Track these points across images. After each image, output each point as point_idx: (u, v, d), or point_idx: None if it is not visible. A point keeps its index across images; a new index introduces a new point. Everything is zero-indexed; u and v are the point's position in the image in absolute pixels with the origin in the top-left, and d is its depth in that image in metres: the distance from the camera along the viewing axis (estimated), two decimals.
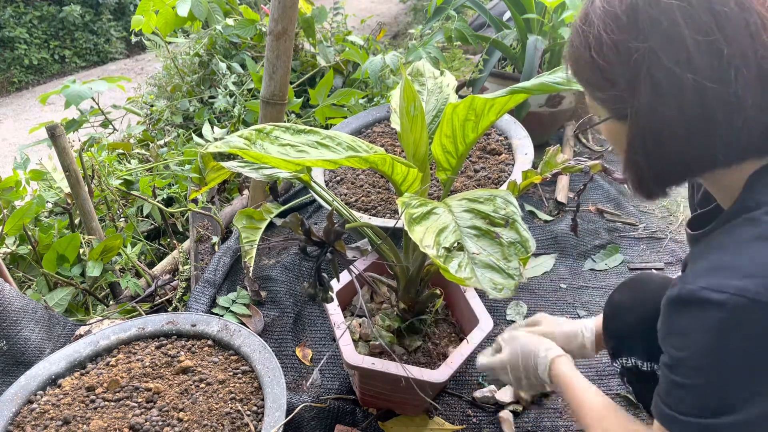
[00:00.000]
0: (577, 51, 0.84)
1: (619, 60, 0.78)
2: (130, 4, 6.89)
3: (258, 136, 1.14)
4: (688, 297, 0.74)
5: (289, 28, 1.81)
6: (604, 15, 0.79)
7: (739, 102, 0.73)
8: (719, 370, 0.73)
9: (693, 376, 0.75)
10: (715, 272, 0.73)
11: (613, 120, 0.85)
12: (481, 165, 2.00)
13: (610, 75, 0.80)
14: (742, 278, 0.70)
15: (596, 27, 0.80)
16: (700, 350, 0.73)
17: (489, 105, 1.14)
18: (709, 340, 0.72)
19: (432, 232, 0.95)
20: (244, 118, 2.63)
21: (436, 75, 1.53)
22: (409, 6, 6.23)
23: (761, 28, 0.73)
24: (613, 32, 0.78)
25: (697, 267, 0.77)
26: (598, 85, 0.84)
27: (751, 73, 0.73)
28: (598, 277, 1.97)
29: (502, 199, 1.03)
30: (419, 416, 1.49)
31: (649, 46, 0.75)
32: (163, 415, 1.23)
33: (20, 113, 5.59)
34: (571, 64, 0.88)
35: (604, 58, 0.80)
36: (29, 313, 1.60)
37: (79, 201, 1.86)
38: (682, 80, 0.74)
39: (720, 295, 0.70)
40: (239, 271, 1.96)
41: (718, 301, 0.70)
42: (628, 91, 0.79)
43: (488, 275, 0.89)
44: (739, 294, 0.69)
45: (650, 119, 0.78)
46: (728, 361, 0.72)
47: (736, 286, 0.70)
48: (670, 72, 0.74)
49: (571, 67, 0.89)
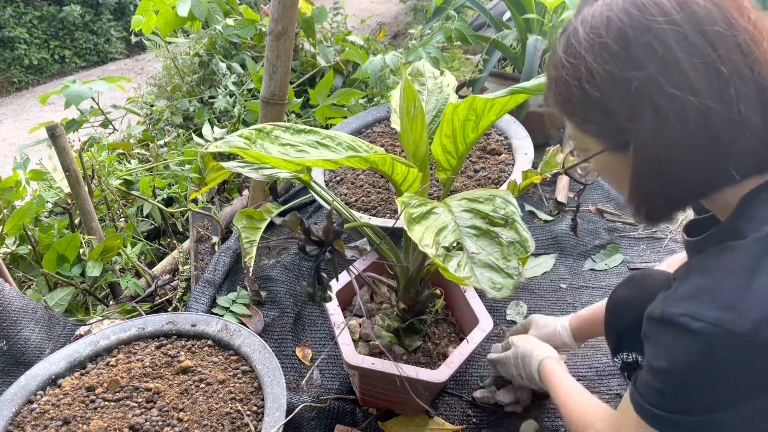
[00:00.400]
0: (566, 86, 0.82)
1: (616, 91, 0.77)
2: (130, 4, 6.89)
3: (258, 136, 1.14)
4: (669, 320, 0.77)
5: (289, 28, 1.81)
6: (593, 45, 0.78)
7: (743, 120, 0.74)
8: (688, 384, 0.78)
9: (665, 382, 0.80)
10: (696, 298, 0.75)
11: (610, 152, 0.84)
12: (481, 165, 2.00)
13: (607, 107, 0.79)
14: (719, 309, 0.72)
15: (585, 58, 0.78)
16: (676, 366, 0.77)
17: (489, 105, 1.14)
18: (684, 361, 0.76)
19: (431, 232, 0.95)
20: (244, 118, 2.63)
21: (436, 75, 1.53)
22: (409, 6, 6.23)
23: (752, 45, 0.74)
24: (607, 62, 0.77)
25: (681, 289, 0.79)
26: (592, 118, 0.82)
27: (750, 90, 0.74)
28: (598, 277, 1.97)
29: (502, 198, 1.03)
30: (419, 416, 1.49)
31: (648, 74, 0.74)
32: (163, 415, 1.23)
33: (20, 113, 5.59)
34: (559, 100, 0.86)
35: (600, 90, 0.78)
36: (29, 313, 1.60)
37: (79, 201, 1.86)
38: (685, 104, 0.73)
39: (697, 324, 0.73)
40: (239, 271, 1.96)
41: (695, 330, 0.73)
42: (629, 120, 0.78)
43: (487, 274, 0.90)
44: (715, 324, 0.72)
45: (656, 146, 0.77)
46: (698, 380, 0.76)
47: (713, 316, 0.72)
48: (672, 97, 0.74)
49: (557, 103, 0.86)
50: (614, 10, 0.77)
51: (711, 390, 0.76)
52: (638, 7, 0.75)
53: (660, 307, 0.79)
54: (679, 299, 0.77)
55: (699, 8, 0.74)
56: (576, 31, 0.80)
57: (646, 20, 0.74)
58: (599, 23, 0.78)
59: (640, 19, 0.75)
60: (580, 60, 0.79)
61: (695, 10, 0.74)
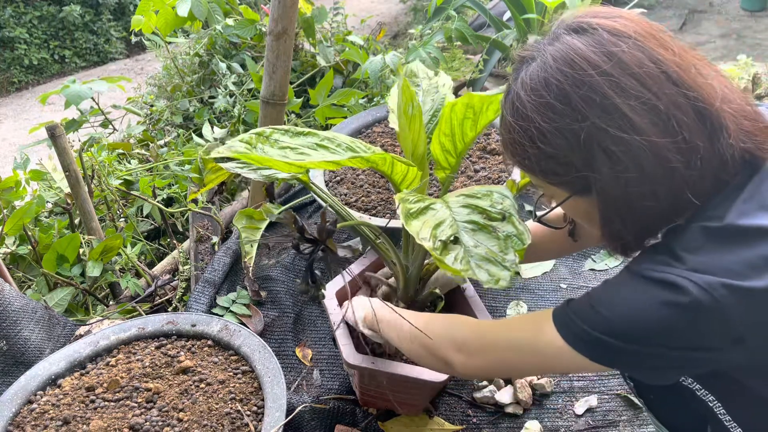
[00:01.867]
0: (520, 146, 0.87)
1: (568, 143, 0.82)
2: (130, 4, 6.89)
3: (258, 140, 1.15)
4: (658, 279, 0.78)
5: (289, 28, 1.81)
6: (537, 107, 0.83)
7: (690, 146, 0.78)
8: (649, 330, 0.78)
9: (618, 314, 0.80)
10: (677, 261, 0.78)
11: (575, 197, 0.88)
12: (481, 165, 2.00)
13: (564, 159, 0.83)
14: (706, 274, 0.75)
15: (533, 119, 0.83)
16: (644, 315, 0.77)
17: (487, 103, 1.14)
18: (658, 315, 0.76)
19: (429, 226, 0.96)
20: (244, 118, 2.63)
21: (431, 75, 1.53)
22: (409, 6, 6.22)
23: (681, 73, 0.79)
24: (553, 120, 0.81)
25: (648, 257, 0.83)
26: (552, 171, 0.86)
27: (690, 117, 0.78)
28: (598, 277, 1.97)
29: (499, 194, 1.04)
30: (419, 416, 1.49)
31: (592, 123, 0.79)
32: (163, 415, 1.23)
33: (20, 113, 5.59)
34: (516, 159, 0.90)
35: (552, 145, 0.83)
36: (29, 313, 1.60)
37: (79, 201, 1.86)
38: (633, 144, 0.78)
39: (687, 283, 0.75)
40: (239, 271, 1.96)
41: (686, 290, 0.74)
42: (586, 168, 0.82)
43: (485, 267, 0.91)
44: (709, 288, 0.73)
45: (616, 187, 0.81)
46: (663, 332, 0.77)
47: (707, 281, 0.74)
48: (620, 140, 0.78)
49: (516, 162, 0.91)
50: (549, 71, 0.82)
51: (659, 336, 0.77)
52: (569, 64, 0.80)
53: (643, 269, 0.81)
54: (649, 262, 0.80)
55: (625, 55, 0.79)
56: (518, 95, 0.85)
57: (580, 75, 0.79)
58: (538, 84, 0.83)
59: (574, 75, 0.80)
60: (528, 122, 0.84)
61: (622, 58, 0.79)
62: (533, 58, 0.85)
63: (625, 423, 1.47)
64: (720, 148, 0.79)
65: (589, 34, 0.82)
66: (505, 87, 0.91)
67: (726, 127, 0.79)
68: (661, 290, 0.76)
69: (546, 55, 0.83)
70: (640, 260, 0.84)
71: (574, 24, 0.85)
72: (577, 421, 1.49)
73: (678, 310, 0.74)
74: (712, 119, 0.79)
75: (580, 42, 0.81)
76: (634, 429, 1.46)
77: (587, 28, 0.83)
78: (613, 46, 0.79)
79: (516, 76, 0.87)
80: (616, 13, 0.85)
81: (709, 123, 0.79)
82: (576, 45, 0.81)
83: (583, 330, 0.82)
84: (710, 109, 0.79)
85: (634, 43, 0.80)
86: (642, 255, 0.87)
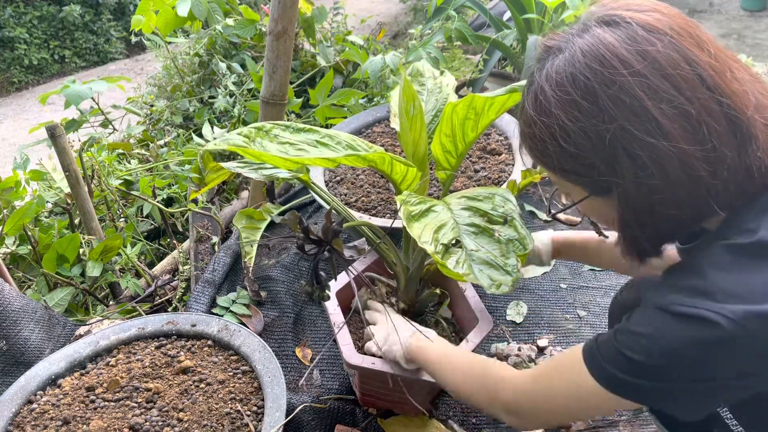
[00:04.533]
0: (541, 142, 0.83)
1: (592, 144, 0.78)
2: (130, 4, 6.89)
3: (257, 134, 1.14)
4: (680, 312, 0.75)
5: (289, 28, 1.81)
6: (562, 103, 0.79)
7: (718, 155, 0.75)
8: (671, 364, 0.75)
9: (645, 354, 0.77)
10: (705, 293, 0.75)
11: (593, 197, 0.85)
12: (481, 165, 2.00)
13: (586, 160, 0.80)
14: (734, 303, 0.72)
15: (557, 117, 0.79)
16: (668, 351, 0.75)
17: (489, 104, 1.14)
18: (679, 347, 0.74)
19: (430, 229, 0.95)
20: (244, 118, 2.63)
21: (436, 75, 1.53)
22: (409, 6, 6.22)
23: (716, 78, 0.75)
24: (578, 119, 0.78)
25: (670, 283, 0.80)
26: (573, 170, 0.83)
27: (721, 125, 0.75)
28: (598, 277, 1.97)
29: (501, 197, 1.04)
30: (419, 417, 1.49)
31: (619, 125, 0.75)
32: (163, 416, 1.23)
33: (20, 113, 5.59)
34: (536, 153, 0.87)
35: (576, 145, 0.79)
36: (29, 313, 1.60)
37: (79, 201, 1.86)
38: (660, 149, 0.74)
39: (715, 316, 0.72)
40: (239, 271, 1.96)
41: (714, 322, 0.71)
42: (608, 170, 0.79)
43: (486, 271, 0.90)
44: (734, 319, 0.71)
45: (638, 192, 0.78)
46: (686, 363, 0.74)
47: (732, 310, 0.71)
48: (646, 144, 0.75)
49: (534, 156, 0.88)
50: (577, 67, 0.78)
51: (692, 372, 0.75)
52: (600, 61, 0.76)
53: (662, 299, 0.78)
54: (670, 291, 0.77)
55: (659, 54, 0.75)
56: (543, 88, 0.81)
57: (610, 74, 0.76)
58: (565, 80, 0.79)
59: (604, 73, 0.76)
60: (552, 118, 0.80)
61: (656, 57, 0.75)
62: (561, 49, 0.81)
63: (625, 423, 1.47)
64: (747, 159, 0.76)
65: (622, 29, 0.77)
66: (528, 77, 0.87)
67: (756, 138, 0.76)
68: (693, 327, 0.73)
69: (575, 48, 0.79)
70: (665, 290, 0.80)
71: (605, 16, 0.80)
72: (576, 421, 1.49)
73: (712, 347, 0.71)
74: (743, 128, 0.76)
75: (612, 36, 0.77)
76: (634, 429, 1.46)
77: (619, 22, 0.78)
78: (648, 44, 0.75)
79: (541, 67, 0.83)
80: (651, 6, 0.80)
81: (740, 132, 0.76)
82: (607, 40, 0.77)
83: (622, 379, 0.79)
84: (742, 117, 0.75)
85: (669, 41, 0.76)
86: (667, 281, 0.83)
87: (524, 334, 1.75)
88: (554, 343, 1.71)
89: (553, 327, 1.77)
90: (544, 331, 1.76)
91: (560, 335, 1.74)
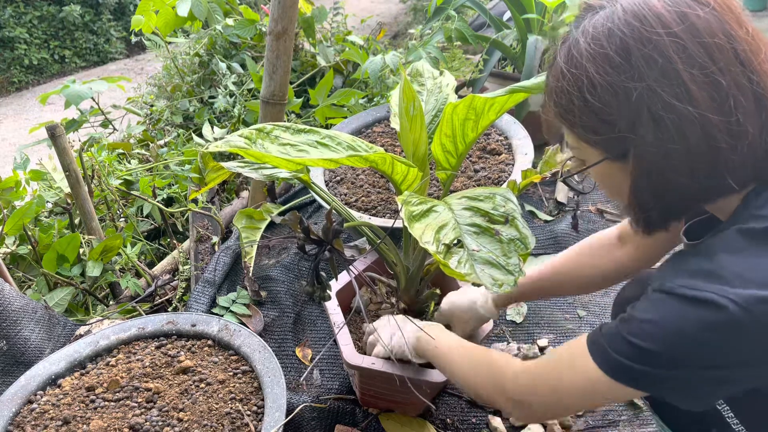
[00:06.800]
0: (567, 95, 0.83)
1: (617, 101, 0.78)
2: (130, 4, 6.89)
3: (258, 136, 1.14)
4: (674, 292, 0.76)
5: (289, 28, 1.81)
6: (594, 56, 0.79)
7: (741, 130, 0.75)
8: (677, 350, 0.75)
9: (650, 341, 0.77)
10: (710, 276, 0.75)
11: (608, 161, 0.85)
12: (481, 165, 2.00)
13: (609, 117, 0.80)
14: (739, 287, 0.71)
15: (587, 69, 0.79)
16: (674, 335, 0.75)
17: (489, 104, 1.14)
18: (687, 332, 0.74)
19: (432, 229, 0.95)
20: (244, 118, 2.63)
21: (436, 75, 1.53)
22: (409, 6, 6.23)
23: (750, 55, 0.75)
24: (607, 74, 0.78)
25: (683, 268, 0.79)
26: (593, 128, 0.83)
27: (748, 101, 0.75)
28: None
29: (502, 196, 1.04)
30: (417, 420, 1.48)
31: (647, 85, 0.75)
32: (163, 415, 1.23)
33: (20, 113, 5.59)
34: (560, 109, 0.86)
35: (601, 100, 0.79)
36: (29, 313, 1.60)
37: (79, 201, 1.86)
38: (684, 114, 0.74)
39: (722, 300, 0.71)
40: (239, 271, 1.96)
41: (720, 305, 0.71)
42: (629, 130, 0.79)
43: (488, 271, 0.90)
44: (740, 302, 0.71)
45: (655, 156, 0.78)
46: (692, 349, 0.74)
47: (739, 293, 0.71)
48: (672, 107, 0.75)
49: (558, 113, 0.87)
50: (616, 22, 0.78)
51: (697, 358, 0.74)
52: (639, 18, 0.76)
53: (668, 284, 0.78)
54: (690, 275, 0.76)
55: (699, 20, 0.75)
56: (577, 41, 0.81)
57: (647, 32, 0.75)
58: (601, 34, 0.79)
59: (641, 30, 0.76)
60: (581, 70, 0.80)
61: (695, 22, 0.75)
62: (602, 6, 0.81)
63: (624, 423, 1.47)
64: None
65: None
66: (564, 34, 0.87)
67: None
68: (698, 310, 0.73)
69: (616, 5, 0.79)
70: (671, 274, 0.80)
71: None
72: (576, 421, 1.49)
73: (718, 331, 0.71)
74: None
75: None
76: (633, 429, 1.46)
77: None
78: (689, 8, 0.76)
79: (578, 24, 0.83)
80: None
81: (765, 112, 0.76)
82: (651, 1, 0.77)
83: (627, 366, 0.79)
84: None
85: (711, 11, 0.76)
86: (672, 266, 0.84)
87: (524, 334, 1.75)
88: (554, 343, 1.72)
89: (553, 327, 1.77)
90: (544, 331, 1.76)
91: (560, 335, 1.74)
